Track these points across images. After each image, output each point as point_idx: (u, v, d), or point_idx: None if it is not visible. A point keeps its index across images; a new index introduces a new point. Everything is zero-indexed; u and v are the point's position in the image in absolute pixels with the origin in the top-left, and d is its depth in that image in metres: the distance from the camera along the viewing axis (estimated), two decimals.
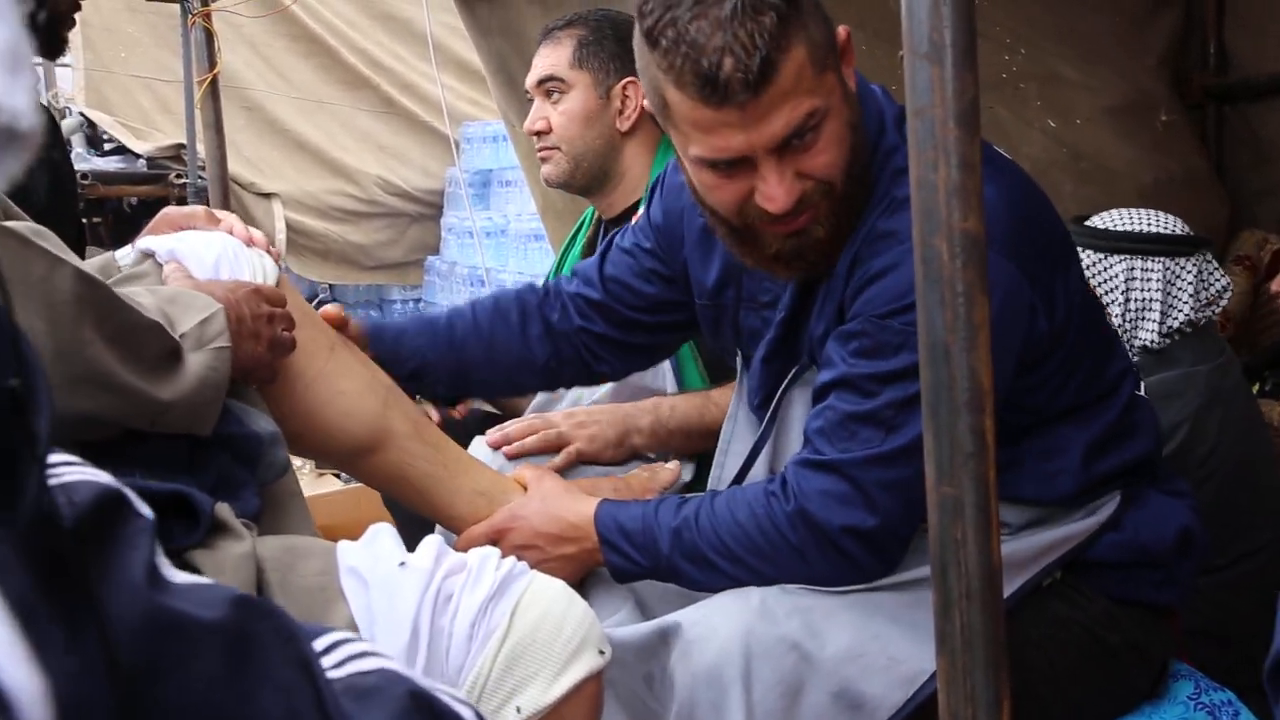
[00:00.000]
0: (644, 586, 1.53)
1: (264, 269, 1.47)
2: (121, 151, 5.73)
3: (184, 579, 0.68)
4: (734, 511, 1.41)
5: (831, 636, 1.35)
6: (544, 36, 2.22)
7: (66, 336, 1.06)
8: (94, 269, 1.13)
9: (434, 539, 1.19)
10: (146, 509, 0.67)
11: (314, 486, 2.95)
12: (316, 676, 0.69)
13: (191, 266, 1.42)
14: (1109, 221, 2.18)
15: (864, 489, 1.35)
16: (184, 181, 5.12)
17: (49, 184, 2.25)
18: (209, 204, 3.40)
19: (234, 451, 1.29)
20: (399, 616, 1.10)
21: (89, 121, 5.83)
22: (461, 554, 1.18)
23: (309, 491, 1.76)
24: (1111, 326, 1.63)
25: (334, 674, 0.74)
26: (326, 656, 0.76)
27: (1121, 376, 1.52)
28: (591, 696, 1.13)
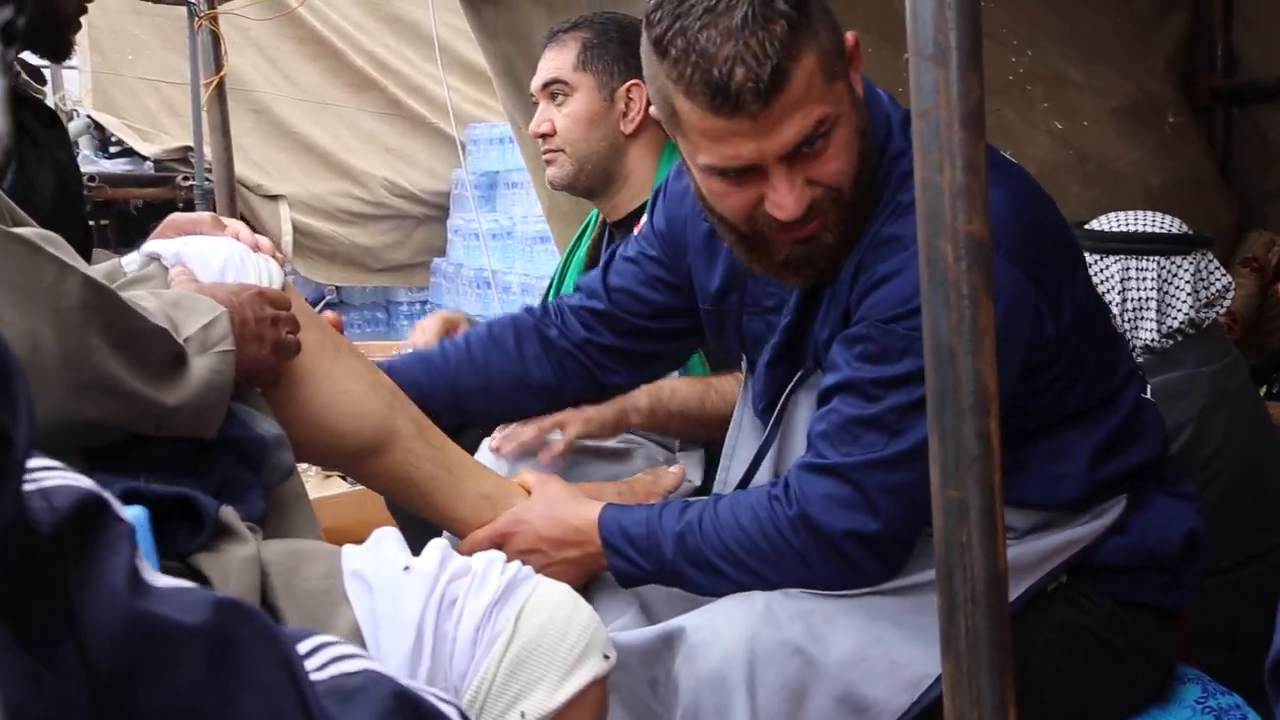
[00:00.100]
0: (648, 591, 1.53)
1: (270, 273, 1.47)
2: (128, 154, 5.75)
3: (165, 583, 0.68)
4: (737, 515, 1.41)
5: (834, 641, 1.35)
6: (549, 39, 2.22)
7: (73, 343, 1.06)
8: (100, 275, 1.13)
9: (439, 543, 1.19)
10: (127, 514, 0.67)
11: (320, 489, 2.95)
12: (300, 679, 0.69)
13: (197, 270, 1.42)
14: (1106, 224, 2.18)
15: (866, 493, 1.35)
16: (191, 184, 5.14)
17: (55, 186, 2.25)
18: (215, 206, 3.41)
19: (239, 454, 1.28)
20: (403, 621, 1.09)
21: (96, 124, 5.85)
22: (466, 558, 1.18)
23: (315, 494, 1.75)
24: (1117, 330, 1.63)
25: (318, 676, 0.74)
26: (310, 659, 0.76)
27: (1127, 380, 1.52)
28: (596, 701, 1.13)
